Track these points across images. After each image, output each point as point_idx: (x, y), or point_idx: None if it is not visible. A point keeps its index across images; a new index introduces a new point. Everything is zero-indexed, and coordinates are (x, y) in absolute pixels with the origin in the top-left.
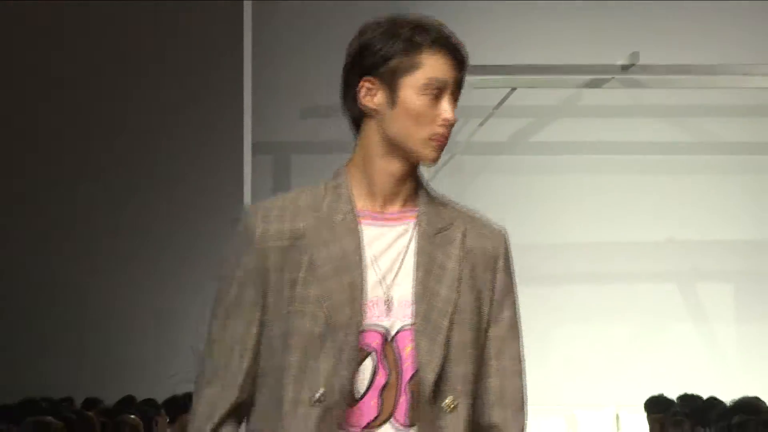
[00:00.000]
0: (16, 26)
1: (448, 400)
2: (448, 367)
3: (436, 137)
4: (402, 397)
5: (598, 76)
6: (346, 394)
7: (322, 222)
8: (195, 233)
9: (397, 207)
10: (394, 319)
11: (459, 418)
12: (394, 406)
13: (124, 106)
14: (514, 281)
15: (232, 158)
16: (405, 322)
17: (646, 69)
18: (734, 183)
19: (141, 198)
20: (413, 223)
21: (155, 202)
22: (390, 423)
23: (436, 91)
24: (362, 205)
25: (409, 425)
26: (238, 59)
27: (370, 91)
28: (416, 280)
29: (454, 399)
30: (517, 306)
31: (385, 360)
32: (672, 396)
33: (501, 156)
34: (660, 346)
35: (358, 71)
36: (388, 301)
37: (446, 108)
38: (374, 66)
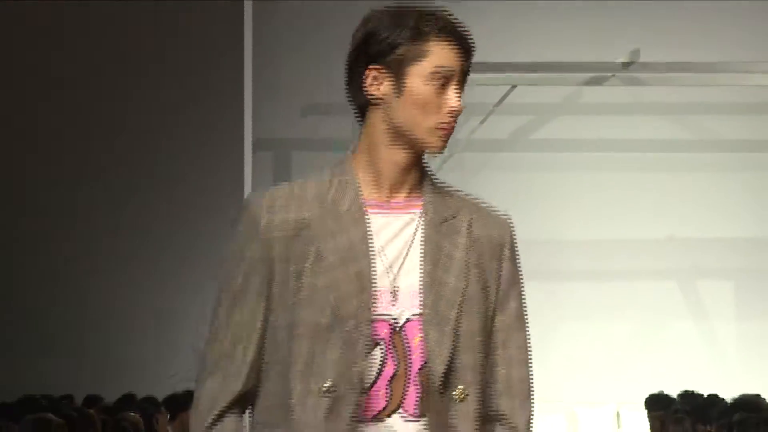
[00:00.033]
0: (16, 26)
1: (458, 390)
2: (458, 357)
3: (442, 126)
4: (411, 387)
5: (598, 73)
6: (356, 384)
7: (328, 212)
8: (195, 233)
9: (402, 196)
10: (401, 308)
11: (469, 408)
12: (403, 397)
13: (124, 106)
14: (519, 270)
15: (233, 156)
16: (413, 312)
17: (646, 66)
18: (734, 180)
19: (141, 198)
20: (419, 212)
21: (155, 202)
22: (399, 413)
23: (443, 80)
24: (368, 194)
25: (418, 416)
26: (239, 57)
27: (377, 80)
28: (424, 270)
29: (464, 389)
30: (523, 295)
31: (393, 350)
32: (672, 393)
33: (502, 153)
34: (660, 344)
35: (364, 59)
36: (394, 291)
37: (453, 97)
38: (381, 54)
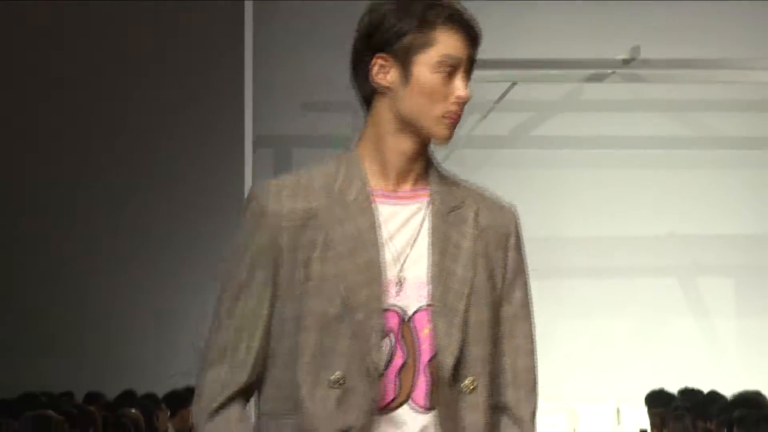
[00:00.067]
0: (16, 26)
1: (467, 381)
2: (467, 349)
3: (449, 115)
4: (420, 378)
5: (598, 70)
6: (366, 376)
7: (335, 201)
8: (195, 233)
9: (409, 185)
10: (409, 299)
11: (478, 399)
12: (412, 388)
13: (124, 106)
14: (525, 259)
15: (233, 152)
16: (421, 303)
17: (647, 63)
18: (735, 177)
19: (141, 198)
20: (426, 201)
21: (155, 202)
22: (408, 404)
23: (450, 69)
24: (375, 183)
25: (428, 408)
26: (239, 54)
27: (383, 69)
28: (432, 260)
29: (473, 380)
30: (528, 284)
31: (402, 341)
32: (673, 390)
33: (502, 150)
34: (661, 341)
35: (370, 48)
36: (400, 281)
37: (460, 85)
38: (387, 43)
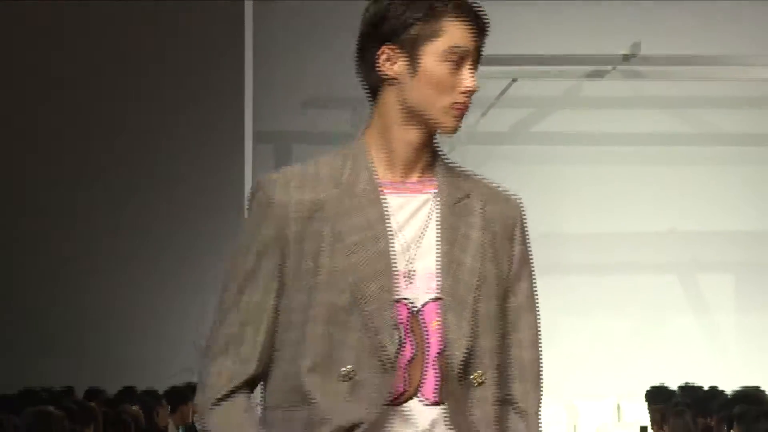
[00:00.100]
0: (16, 26)
1: (476, 374)
2: (476, 342)
3: (456, 105)
4: (429, 372)
5: (599, 66)
6: (377, 369)
7: (343, 192)
8: (195, 232)
9: (416, 176)
10: (417, 291)
11: (487, 392)
12: (421, 381)
13: (124, 106)
14: (530, 251)
15: (234, 149)
16: (430, 295)
17: (647, 60)
18: (735, 174)
19: (141, 198)
20: (433, 192)
21: (155, 201)
22: (417, 398)
23: (458, 59)
24: (382, 174)
25: (437, 402)
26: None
27: (390, 59)
28: (441, 252)
29: (482, 374)
30: (533, 276)
31: (411, 334)
32: (673, 386)
33: (502, 146)
34: (661, 337)
35: (377, 38)
36: (410, 273)
37: (467, 76)
38: (394, 33)
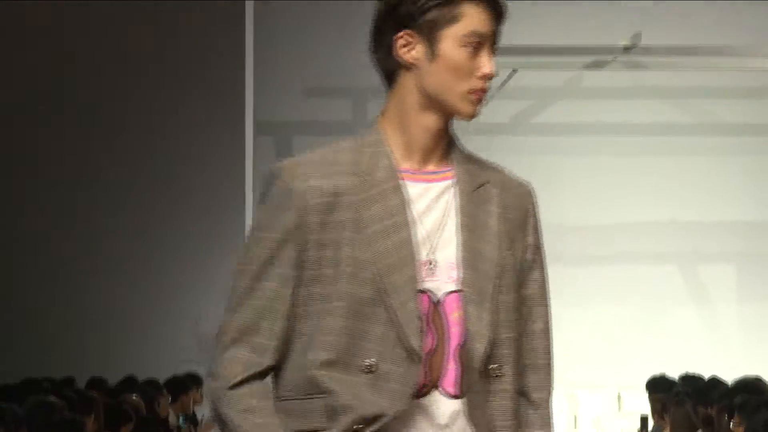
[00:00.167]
0: (16, 26)
1: (494, 366)
2: (496, 333)
3: (474, 91)
4: (450, 364)
5: (599, 57)
6: (404, 360)
7: (363, 180)
8: (195, 232)
9: (433, 164)
10: (439, 281)
11: (505, 383)
12: (441, 374)
13: (124, 106)
14: (542, 240)
15: (234, 139)
16: (451, 286)
17: (647, 50)
18: (735, 164)
19: (141, 196)
20: (451, 181)
21: (155, 201)
22: (438, 390)
23: (476, 44)
24: (400, 161)
25: (458, 395)
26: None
27: (408, 44)
28: (462, 242)
29: (501, 365)
30: (545, 265)
31: (432, 325)
32: (674, 376)
33: (502, 137)
34: (661, 327)
35: (394, 23)
36: (432, 263)
37: (486, 61)
38: (412, 18)
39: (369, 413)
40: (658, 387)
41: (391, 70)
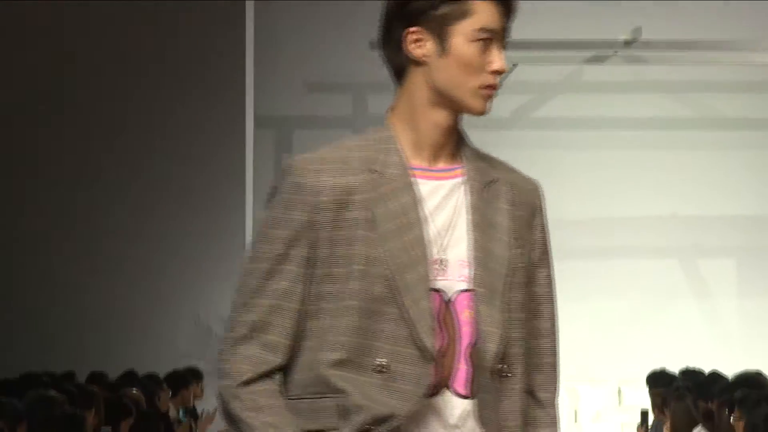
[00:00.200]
0: (16, 26)
1: (505, 366)
2: (507, 333)
3: (485, 87)
4: (461, 364)
5: (600, 51)
6: (417, 359)
7: (375, 177)
8: (195, 231)
9: (443, 161)
10: (450, 280)
11: (515, 383)
12: (452, 373)
13: (124, 106)
14: (549, 237)
15: (235, 133)
16: (462, 285)
17: (648, 45)
18: (736, 159)
19: (141, 197)
20: (462, 178)
21: (155, 200)
22: (449, 390)
23: (486, 40)
24: (410, 158)
25: (469, 395)
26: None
27: (418, 40)
28: (473, 241)
29: (511, 365)
30: (552, 263)
31: (443, 324)
32: (674, 370)
33: (503, 131)
34: (662, 322)
35: (403, 19)
36: (443, 261)
37: (496, 57)
38: (422, 13)
39: (381, 414)
40: (658, 381)
41: (400, 66)
